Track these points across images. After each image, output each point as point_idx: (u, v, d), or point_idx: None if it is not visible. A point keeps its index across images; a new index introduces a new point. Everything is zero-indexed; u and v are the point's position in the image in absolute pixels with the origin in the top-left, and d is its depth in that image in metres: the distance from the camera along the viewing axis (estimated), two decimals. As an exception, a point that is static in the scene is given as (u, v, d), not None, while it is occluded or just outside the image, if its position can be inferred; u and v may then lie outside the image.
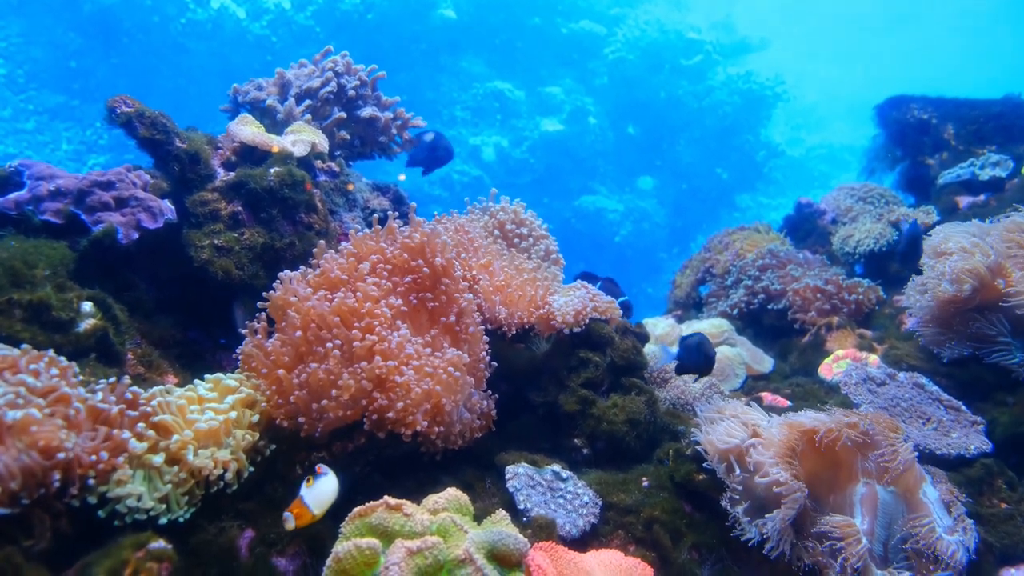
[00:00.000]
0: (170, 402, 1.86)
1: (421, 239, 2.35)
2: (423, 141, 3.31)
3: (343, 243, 2.55)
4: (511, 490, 2.05)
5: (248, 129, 2.79)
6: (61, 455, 1.52)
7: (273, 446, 2.03)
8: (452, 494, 1.76)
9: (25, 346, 1.71)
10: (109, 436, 1.65)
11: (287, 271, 2.26)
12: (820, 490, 2.01)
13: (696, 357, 2.57)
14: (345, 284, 2.21)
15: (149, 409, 1.79)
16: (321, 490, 1.70)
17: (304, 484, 1.70)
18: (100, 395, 1.72)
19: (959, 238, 2.83)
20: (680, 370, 2.70)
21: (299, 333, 2.06)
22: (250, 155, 2.76)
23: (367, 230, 2.43)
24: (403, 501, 1.65)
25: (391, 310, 2.16)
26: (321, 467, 1.74)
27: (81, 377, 1.76)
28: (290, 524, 1.64)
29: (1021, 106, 4.34)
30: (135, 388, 1.83)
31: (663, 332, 3.63)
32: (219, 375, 2.11)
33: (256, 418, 1.99)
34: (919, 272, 2.95)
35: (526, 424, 2.58)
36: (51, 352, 1.74)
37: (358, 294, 2.13)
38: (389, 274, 2.27)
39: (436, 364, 2.09)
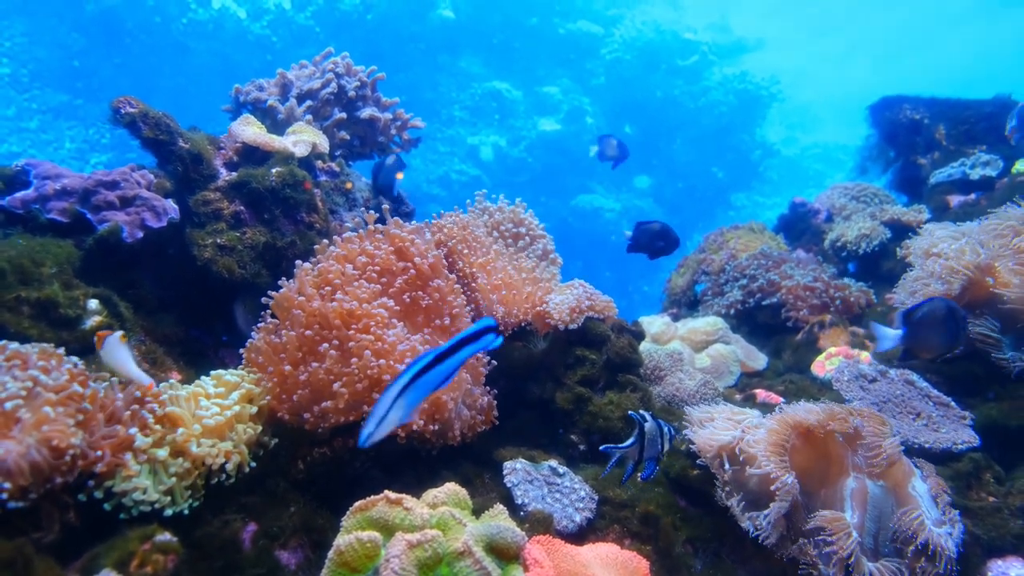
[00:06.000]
0: (180, 396, 1.90)
1: (405, 241, 2.38)
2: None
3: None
4: (509, 485, 2.08)
5: (250, 129, 2.82)
6: (71, 452, 1.56)
7: (275, 440, 2.06)
8: (451, 489, 1.80)
9: (45, 345, 1.74)
10: (117, 433, 1.69)
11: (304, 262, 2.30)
12: (811, 484, 2.05)
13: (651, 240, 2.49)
14: (338, 286, 2.24)
15: (156, 404, 1.83)
16: (123, 355, 1.81)
17: (120, 336, 1.83)
18: (110, 392, 1.76)
19: (948, 237, 2.87)
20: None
21: (309, 332, 2.09)
22: (252, 155, 2.79)
23: (361, 231, 2.46)
24: (403, 495, 1.68)
25: (386, 311, 2.19)
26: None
27: (87, 374, 1.80)
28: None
29: (1011, 106, 4.39)
30: (144, 385, 1.86)
31: (658, 331, 3.67)
32: (220, 371, 2.15)
33: (255, 410, 2.03)
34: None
35: (523, 420, 2.62)
36: (60, 350, 1.77)
37: (352, 297, 2.17)
38: (379, 275, 2.30)
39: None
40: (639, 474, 1.99)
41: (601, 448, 2.00)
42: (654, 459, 1.99)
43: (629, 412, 2.14)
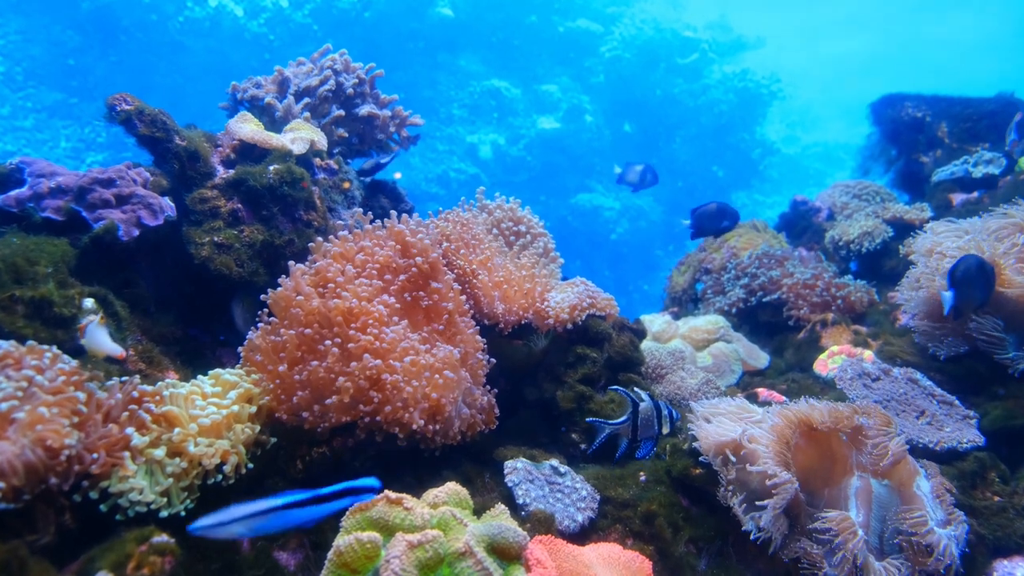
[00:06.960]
0: (179, 394, 1.88)
1: (408, 237, 2.36)
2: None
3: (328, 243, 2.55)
4: (510, 484, 2.07)
5: (247, 127, 2.80)
6: (66, 453, 1.53)
7: (274, 439, 2.04)
8: (452, 488, 1.78)
9: (34, 343, 1.72)
10: (113, 433, 1.67)
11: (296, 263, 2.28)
12: (815, 483, 2.03)
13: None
14: (340, 284, 2.22)
15: (153, 404, 1.81)
16: (101, 335, 1.97)
17: (99, 320, 1.99)
18: (107, 393, 1.74)
19: (951, 235, 2.85)
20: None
21: (308, 331, 2.07)
22: (249, 153, 2.77)
23: (358, 229, 2.44)
24: (403, 495, 1.67)
25: (386, 308, 2.17)
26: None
27: (82, 375, 1.78)
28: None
29: (1014, 104, 4.37)
30: (143, 386, 1.84)
31: (660, 329, 3.65)
32: (219, 370, 2.13)
33: (253, 409, 2.01)
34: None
35: (524, 419, 2.60)
36: (55, 349, 1.75)
37: (351, 295, 2.14)
38: (379, 273, 2.28)
39: (431, 363, 2.10)
40: (635, 453, 1.96)
41: (587, 420, 1.97)
42: (651, 439, 1.96)
43: (619, 389, 2.12)
